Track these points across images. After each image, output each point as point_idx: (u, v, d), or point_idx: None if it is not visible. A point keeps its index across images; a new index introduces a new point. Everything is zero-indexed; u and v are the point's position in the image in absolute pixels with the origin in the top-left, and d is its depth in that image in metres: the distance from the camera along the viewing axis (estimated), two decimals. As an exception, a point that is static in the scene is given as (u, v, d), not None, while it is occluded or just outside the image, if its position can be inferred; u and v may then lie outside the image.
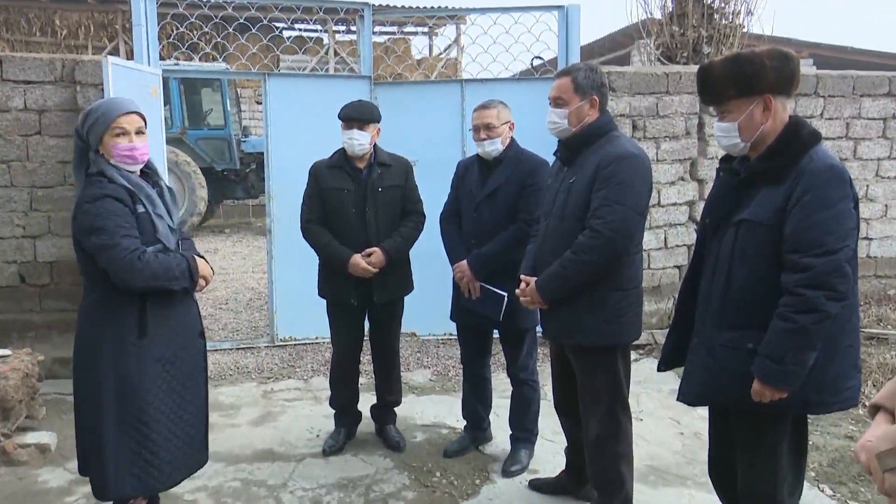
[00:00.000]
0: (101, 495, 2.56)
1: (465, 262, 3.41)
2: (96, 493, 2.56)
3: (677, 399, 2.44)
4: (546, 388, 3.81)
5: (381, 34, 16.90)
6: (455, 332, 3.84)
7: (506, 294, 3.27)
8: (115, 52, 14.64)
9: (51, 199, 4.96)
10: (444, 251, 3.60)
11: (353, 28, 15.97)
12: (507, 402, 3.66)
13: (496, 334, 3.65)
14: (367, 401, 3.96)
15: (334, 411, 3.87)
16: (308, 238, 3.64)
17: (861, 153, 6.21)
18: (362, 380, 4.06)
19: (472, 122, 3.43)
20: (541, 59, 5.71)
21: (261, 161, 10.40)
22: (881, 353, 4.95)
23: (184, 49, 6.01)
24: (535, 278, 2.84)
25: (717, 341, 2.27)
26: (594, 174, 2.69)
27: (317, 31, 17.09)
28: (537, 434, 3.65)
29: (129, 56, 12.48)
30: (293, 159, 4.82)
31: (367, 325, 3.83)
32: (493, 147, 3.37)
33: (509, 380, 3.63)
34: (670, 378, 4.45)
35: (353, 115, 3.51)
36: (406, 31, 17.37)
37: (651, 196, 2.83)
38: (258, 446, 3.84)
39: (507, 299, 3.28)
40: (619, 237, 2.65)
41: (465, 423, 3.82)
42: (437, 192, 3.77)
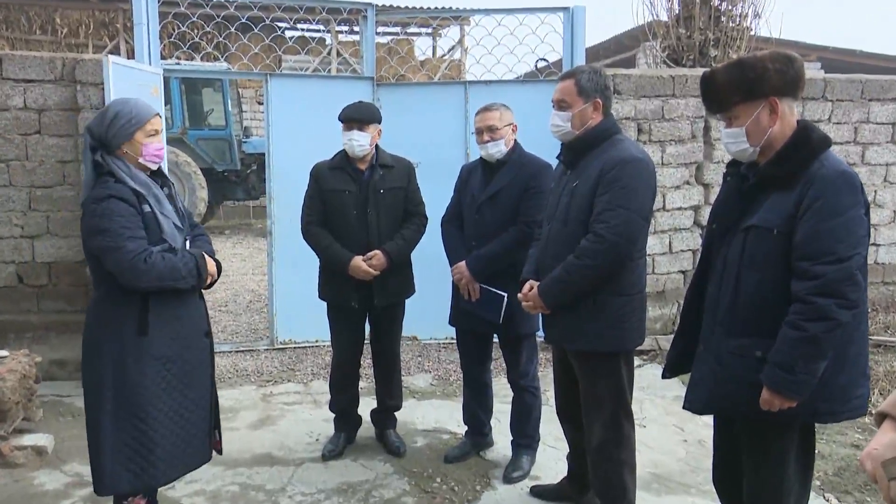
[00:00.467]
0: (96, 489, 2.58)
1: (463, 263, 3.39)
2: (95, 488, 2.58)
3: (683, 407, 2.41)
4: (548, 394, 3.78)
5: (385, 35, 16.94)
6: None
7: (505, 294, 3.25)
8: (116, 51, 14.66)
9: (50, 199, 4.93)
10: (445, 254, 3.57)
11: (355, 28, 15.96)
12: (509, 408, 3.63)
13: (496, 339, 3.61)
14: (367, 405, 3.93)
15: (334, 415, 3.84)
16: (308, 240, 3.62)
17: (869, 158, 6.17)
18: (363, 384, 4.03)
19: (475, 125, 3.43)
20: (545, 60, 5.67)
21: (262, 162, 10.43)
22: (888, 361, 4.91)
23: (185, 48, 5.98)
24: (537, 282, 2.81)
25: (724, 349, 2.24)
26: (598, 178, 2.67)
27: (319, 31, 17.12)
28: (539, 440, 3.62)
29: (130, 55, 12.45)
30: (294, 160, 4.79)
31: (368, 328, 3.80)
32: (496, 149, 3.36)
33: (510, 386, 3.59)
34: (674, 384, 4.42)
35: (353, 115, 3.50)
36: (409, 31, 17.37)
37: (655, 200, 2.81)
38: (257, 450, 3.81)
39: (506, 300, 3.25)
40: (622, 241, 2.62)
41: (466, 428, 3.78)
42: (439, 194, 3.74)
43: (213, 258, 2.72)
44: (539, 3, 5.46)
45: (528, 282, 2.88)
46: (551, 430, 3.60)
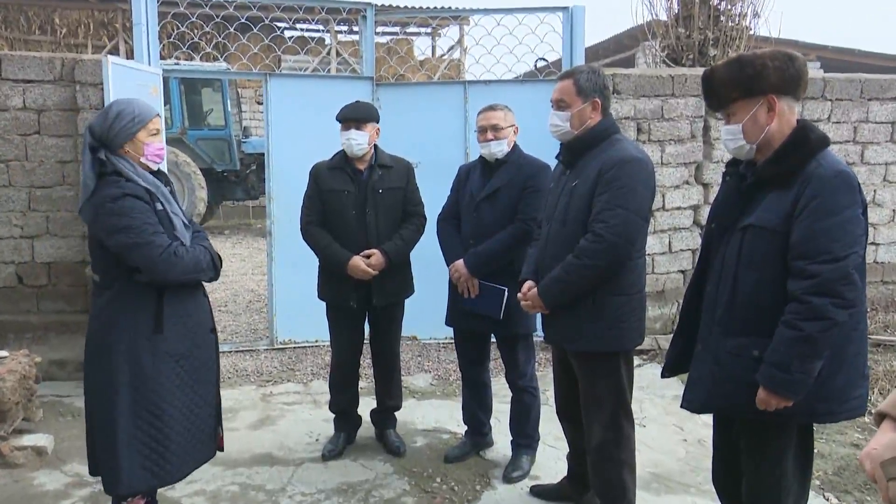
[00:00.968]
0: (112, 489, 2.56)
1: (460, 261, 3.40)
2: (107, 488, 2.57)
3: (681, 406, 2.41)
4: (548, 394, 3.78)
5: (384, 35, 16.94)
6: (456, 336, 3.80)
7: (506, 289, 3.25)
8: (115, 51, 14.66)
9: (49, 199, 4.93)
10: (444, 253, 3.57)
11: (355, 28, 15.97)
12: (508, 408, 3.63)
13: (493, 339, 3.61)
14: (366, 405, 3.93)
15: (334, 415, 3.84)
16: (307, 240, 3.62)
17: (868, 157, 6.16)
18: (362, 384, 4.03)
19: (478, 124, 3.43)
20: (545, 60, 5.67)
21: (261, 162, 10.43)
22: (888, 361, 4.91)
23: (184, 49, 5.97)
24: (535, 282, 2.81)
25: (722, 348, 2.24)
26: (596, 178, 2.67)
27: (319, 31, 17.11)
28: (539, 440, 3.62)
29: (130, 55, 12.44)
30: (294, 160, 4.79)
31: (368, 328, 3.80)
32: (499, 148, 3.37)
33: (508, 386, 3.59)
34: (674, 384, 4.42)
35: (350, 115, 3.51)
36: (409, 31, 17.38)
37: (654, 200, 2.81)
38: (257, 450, 3.81)
39: (506, 294, 3.25)
40: (621, 241, 2.62)
41: (465, 428, 3.78)
42: (439, 194, 3.73)
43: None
44: (538, 3, 5.45)
45: (528, 282, 2.89)
46: (551, 429, 3.60)
